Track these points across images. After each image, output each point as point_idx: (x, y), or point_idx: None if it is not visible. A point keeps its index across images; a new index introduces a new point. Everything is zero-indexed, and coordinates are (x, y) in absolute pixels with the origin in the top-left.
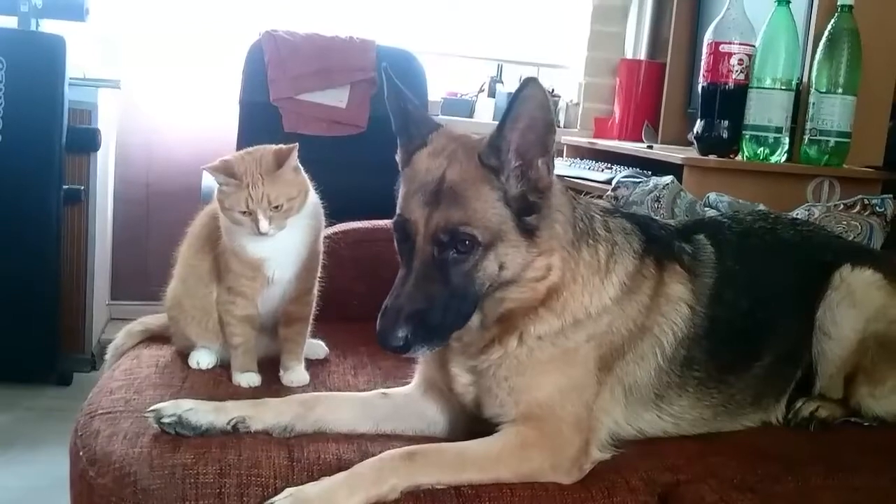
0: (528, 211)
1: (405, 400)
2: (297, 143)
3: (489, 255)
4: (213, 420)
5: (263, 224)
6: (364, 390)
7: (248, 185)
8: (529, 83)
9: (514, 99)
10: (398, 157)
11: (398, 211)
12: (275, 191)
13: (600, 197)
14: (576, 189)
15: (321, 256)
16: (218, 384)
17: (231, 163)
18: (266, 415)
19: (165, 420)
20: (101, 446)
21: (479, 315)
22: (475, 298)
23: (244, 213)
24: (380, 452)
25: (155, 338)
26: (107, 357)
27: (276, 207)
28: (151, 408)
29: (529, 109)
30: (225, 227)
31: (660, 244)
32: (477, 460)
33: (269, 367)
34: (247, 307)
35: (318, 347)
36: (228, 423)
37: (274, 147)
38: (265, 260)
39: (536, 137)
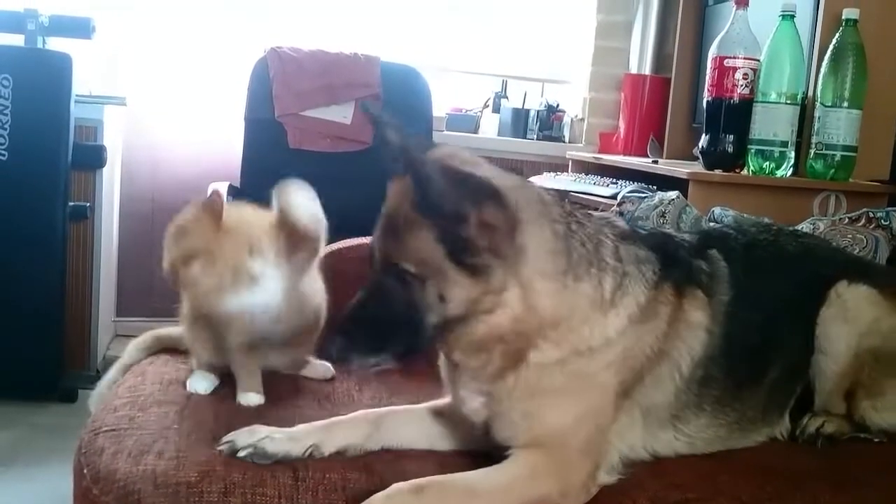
0: (470, 253)
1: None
2: None
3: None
4: (288, 449)
5: None
6: (369, 406)
7: None
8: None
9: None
10: None
11: None
12: None
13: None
14: (581, 205)
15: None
16: (222, 401)
17: None
18: (336, 437)
19: (241, 454)
20: (105, 464)
21: (445, 345)
22: (422, 326)
23: None
24: (385, 470)
25: (161, 353)
26: (116, 365)
27: None
28: (226, 438)
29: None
30: None
31: (679, 267)
32: (487, 492)
33: (274, 384)
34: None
35: (324, 368)
36: (305, 452)
37: None
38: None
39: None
